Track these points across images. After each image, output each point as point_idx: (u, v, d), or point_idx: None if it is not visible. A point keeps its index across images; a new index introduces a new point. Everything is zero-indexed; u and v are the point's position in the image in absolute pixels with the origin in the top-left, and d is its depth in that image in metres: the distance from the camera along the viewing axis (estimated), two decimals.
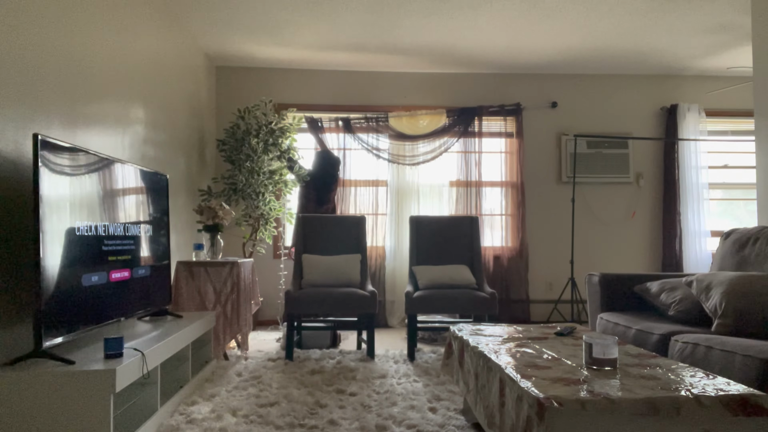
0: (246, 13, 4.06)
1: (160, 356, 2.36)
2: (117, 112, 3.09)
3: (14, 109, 2.13)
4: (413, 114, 5.26)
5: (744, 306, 2.35)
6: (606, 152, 5.42)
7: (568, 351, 1.98)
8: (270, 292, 5.27)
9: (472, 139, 5.35)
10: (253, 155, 4.56)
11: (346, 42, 4.64)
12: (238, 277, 3.53)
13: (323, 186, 4.84)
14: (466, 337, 2.25)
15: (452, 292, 3.62)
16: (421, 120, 5.27)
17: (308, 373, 3.22)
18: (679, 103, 5.47)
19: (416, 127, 5.25)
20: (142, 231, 2.74)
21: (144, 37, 3.48)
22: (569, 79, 5.52)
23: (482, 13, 4.04)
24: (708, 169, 5.44)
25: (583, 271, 5.47)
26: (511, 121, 5.38)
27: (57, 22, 2.44)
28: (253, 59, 5.10)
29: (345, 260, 3.90)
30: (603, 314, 3.06)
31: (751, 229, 2.97)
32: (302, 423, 2.38)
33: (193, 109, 4.59)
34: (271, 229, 4.78)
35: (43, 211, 1.91)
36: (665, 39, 4.58)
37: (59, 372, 1.87)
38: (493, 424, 1.75)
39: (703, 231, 5.38)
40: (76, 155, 2.16)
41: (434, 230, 4.18)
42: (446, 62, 5.16)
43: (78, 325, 2.10)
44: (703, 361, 2.16)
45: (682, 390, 1.46)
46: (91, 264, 2.22)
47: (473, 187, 5.33)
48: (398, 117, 5.25)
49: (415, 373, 3.23)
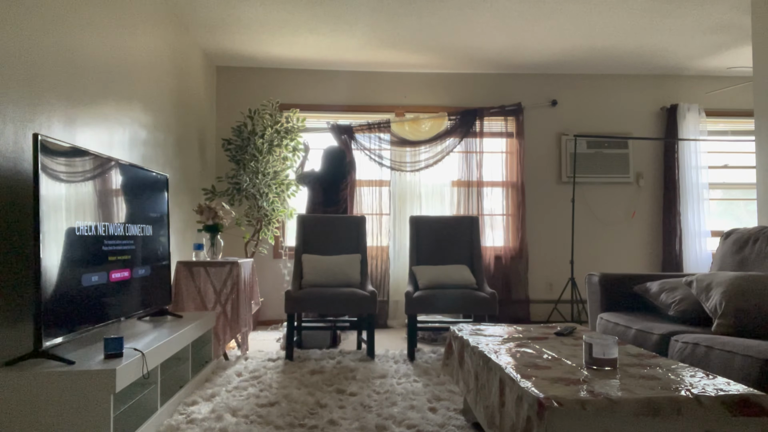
0: (246, 13, 4.06)
1: (160, 356, 2.36)
2: (117, 112, 3.09)
3: (14, 109, 2.13)
4: (416, 118, 5.25)
5: (744, 306, 2.35)
6: (606, 152, 5.42)
7: (568, 351, 1.98)
8: (270, 292, 5.27)
9: (473, 140, 5.35)
10: (258, 155, 4.57)
11: (347, 42, 4.64)
12: (238, 277, 3.53)
13: (331, 186, 4.50)
14: (466, 337, 2.25)
15: (452, 292, 3.62)
16: (423, 124, 5.27)
17: (308, 373, 3.22)
18: (679, 103, 5.47)
19: (418, 132, 5.24)
20: (142, 231, 2.74)
21: (144, 37, 3.48)
22: (569, 79, 5.52)
23: (482, 12, 4.04)
24: (708, 169, 5.44)
25: (583, 271, 5.47)
26: (511, 121, 5.38)
27: (57, 22, 2.44)
28: (253, 59, 5.11)
29: (345, 260, 3.90)
30: (603, 314, 3.06)
31: (751, 229, 2.97)
32: (302, 423, 2.38)
33: (193, 109, 4.60)
34: (273, 230, 4.78)
35: (43, 211, 1.91)
36: (665, 39, 4.58)
37: (59, 372, 1.87)
38: (493, 424, 1.75)
39: (703, 231, 5.38)
40: (76, 155, 2.16)
41: (434, 230, 4.18)
42: (447, 62, 5.16)
43: (78, 325, 2.10)
44: (703, 361, 2.16)
45: (682, 390, 1.46)
46: (91, 264, 2.22)
47: (474, 187, 5.33)
48: (400, 123, 5.24)
49: (415, 373, 3.23)
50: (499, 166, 5.43)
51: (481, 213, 5.31)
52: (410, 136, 5.25)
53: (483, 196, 5.33)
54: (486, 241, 5.32)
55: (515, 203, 5.34)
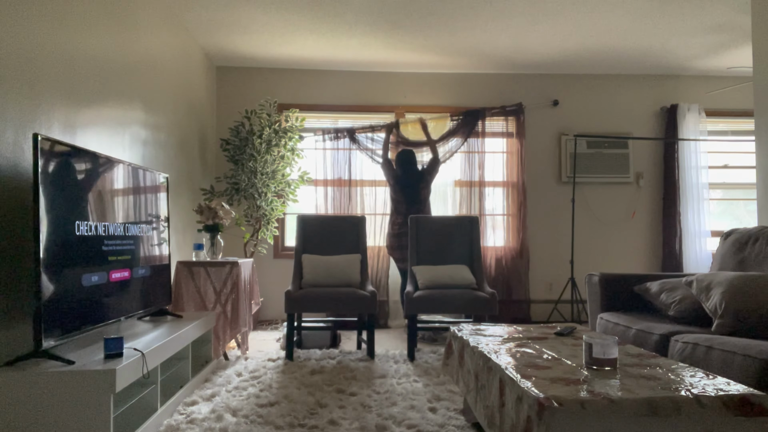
0: (246, 14, 4.06)
1: (160, 356, 2.36)
2: (117, 112, 3.09)
3: (14, 109, 2.13)
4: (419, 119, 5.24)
5: (744, 306, 2.35)
6: (606, 152, 5.42)
7: (568, 351, 1.98)
8: (270, 292, 5.27)
9: (475, 140, 5.34)
10: (257, 155, 4.57)
11: (347, 42, 4.64)
12: (238, 277, 3.53)
13: (408, 186, 4.71)
14: (466, 337, 2.25)
15: (452, 292, 3.62)
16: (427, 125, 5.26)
17: (308, 373, 3.22)
18: (679, 103, 5.47)
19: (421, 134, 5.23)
20: (142, 231, 2.74)
21: (144, 37, 3.48)
22: (570, 79, 5.52)
23: (482, 12, 4.04)
24: (708, 169, 5.44)
25: (583, 271, 5.47)
26: (512, 122, 5.38)
27: (57, 22, 2.44)
28: (253, 59, 5.11)
29: (345, 260, 3.90)
30: (603, 314, 3.06)
31: (751, 229, 2.97)
32: (302, 423, 2.38)
33: (193, 109, 4.60)
34: (273, 229, 4.78)
35: (43, 211, 1.91)
36: (665, 39, 4.58)
37: (59, 372, 1.87)
38: (493, 424, 1.75)
39: (703, 231, 5.38)
40: (76, 155, 2.16)
41: (434, 230, 4.18)
42: (447, 62, 5.16)
43: (78, 325, 2.10)
44: (703, 361, 2.16)
45: (682, 390, 1.46)
46: (91, 264, 2.22)
47: (476, 187, 5.32)
48: (404, 124, 5.24)
49: (415, 373, 3.23)
50: (500, 166, 5.42)
51: (483, 213, 5.30)
52: (413, 136, 5.24)
53: (485, 196, 5.33)
54: (487, 242, 5.31)
55: (516, 203, 5.33)
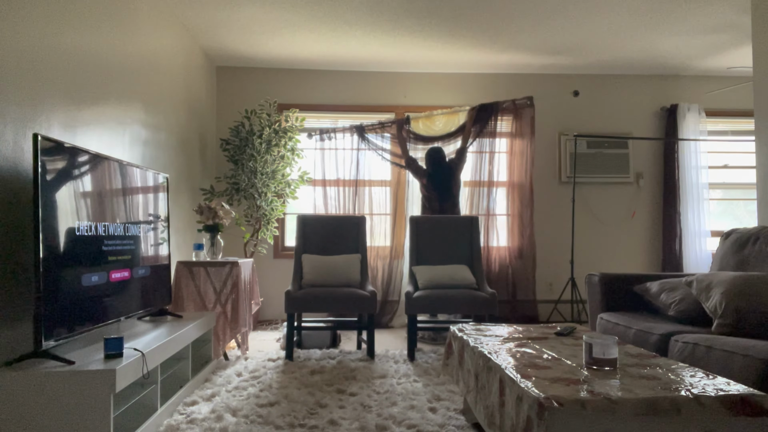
0: (246, 13, 4.06)
1: (160, 356, 2.36)
2: (117, 112, 3.09)
3: (14, 109, 2.13)
4: (429, 114, 5.23)
5: (744, 306, 2.35)
6: (606, 152, 5.42)
7: (568, 351, 1.98)
8: (270, 292, 5.27)
9: (482, 139, 5.31)
10: (256, 155, 4.57)
11: (347, 42, 4.64)
12: (238, 277, 3.53)
13: (440, 183, 4.78)
14: (466, 337, 2.25)
15: (452, 292, 3.62)
16: (437, 120, 5.25)
17: (308, 373, 3.22)
18: (679, 103, 5.47)
19: (431, 129, 5.23)
20: (142, 231, 2.74)
21: (144, 36, 3.48)
22: (570, 79, 5.52)
23: (483, 12, 4.04)
24: (708, 169, 5.44)
25: (583, 271, 5.47)
26: (519, 120, 5.35)
27: (57, 22, 2.44)
28: (253, 59, 5.10)
29: (345, 260, 3.90)
30: (603, 314, 3.06)
31: (751, 229, 2.97)
32: (302, 423, 2.38)
33: (193, 109, 4.60)
34: (272, 229, 4.78)
35: (43, 211, 1.91)
36: (665, 39, 4.58)
37: (59, 372, 1.87)
38: (493, 424, 1.75)
39: (703, 231, 5.38)
40: (77, 155, 2.16)
41: (434, 230, 4.18)
42: (447, 62, 5.16)
43: (78, 325, 2.10)
44: (703, 361, 2.16)
45: (682, 390, 1.46)
46: (91, 264, 2.22)
47: (485, 187, 5.29)
48: (415, 119, 5.23)
49: (415, 373, 3.23)
50: (505, 166, 5.40)
51: (491, 213, 5.27)
52: (424, 132, 5.23)
53: (492, 196, 5.30)
54: (493, 241, 5.28)
55: (522, 203, 5.29)
